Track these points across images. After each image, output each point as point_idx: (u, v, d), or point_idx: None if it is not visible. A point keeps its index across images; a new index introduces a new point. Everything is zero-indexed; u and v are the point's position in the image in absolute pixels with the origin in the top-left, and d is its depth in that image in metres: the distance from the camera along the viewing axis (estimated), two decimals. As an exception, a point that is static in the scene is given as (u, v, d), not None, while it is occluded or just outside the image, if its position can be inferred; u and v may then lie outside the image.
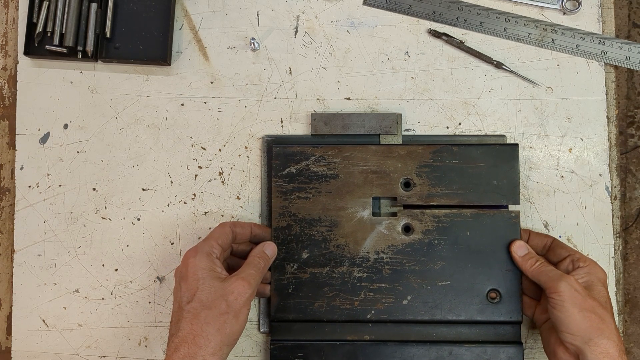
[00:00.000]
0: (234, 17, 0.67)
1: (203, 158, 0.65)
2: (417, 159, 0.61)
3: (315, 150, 0.62)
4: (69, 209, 0.65)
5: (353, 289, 0.60)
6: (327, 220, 0.61)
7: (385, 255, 0.60)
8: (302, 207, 0.61)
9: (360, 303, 0.60)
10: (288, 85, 0.66)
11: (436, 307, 0.59)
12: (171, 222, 0.65)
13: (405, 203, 0.61)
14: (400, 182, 0.61)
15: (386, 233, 0.60)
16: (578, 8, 0.66)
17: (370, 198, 0.61)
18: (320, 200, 0.61)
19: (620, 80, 0.65)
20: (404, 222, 0.60)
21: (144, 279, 0.65)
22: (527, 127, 0.65)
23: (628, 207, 1.22)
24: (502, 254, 0.59)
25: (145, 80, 0.66)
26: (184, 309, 0.53)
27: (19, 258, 0.65)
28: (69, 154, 0.66)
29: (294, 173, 0.61)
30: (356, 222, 0.61)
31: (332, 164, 0.61)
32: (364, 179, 0.61)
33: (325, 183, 0.61)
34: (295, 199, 0.61)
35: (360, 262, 0.60)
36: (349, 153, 0.61)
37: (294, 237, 0.61)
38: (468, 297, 0.59)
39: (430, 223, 0.60)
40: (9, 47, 0.68)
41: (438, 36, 0.66)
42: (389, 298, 0.60)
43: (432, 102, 0.65)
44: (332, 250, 0.60)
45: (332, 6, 0.67)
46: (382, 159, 0.61)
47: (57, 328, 0.64)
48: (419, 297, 0.59)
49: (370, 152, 0.61)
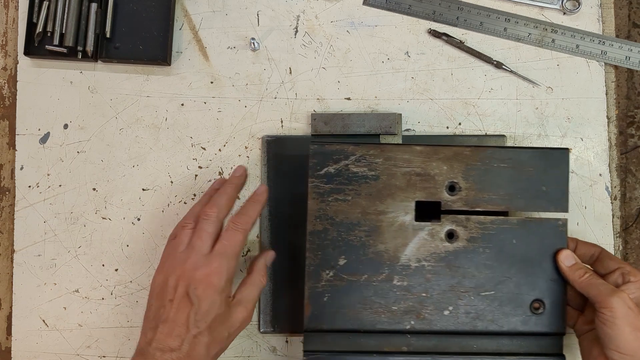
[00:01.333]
0: (234, 17, 0.67)
1: (203, 158, 0.65)
2: (464, 162, 0.57)
3: (356, 149, 0.58)
4: (69, 209, 0.65)
5: (392, 298, 0.57)
6: (366, 224, 0.57)
7: (427, 263, 0.57)
8: (340, 210, 0.57)
9: (400, 313, 0.56)
10: (288, 85, 0.66)
11: (478, 317, 0.56)
12: (171, 222, 0.65)
13: (450, 208, 0.57)
14: (445, 186, 0.57)
15: (429, 240, 0.57)
16: (578, 8, 0.66)
17: (413, 202, 0.57)
18: (360, 203, 0.57)
19: (620, 80, 0.65)
20: (447, 228, 0.57)
21: (144, 279, 0.65)
22: (527, 127, 0.65)
23: (628, 207, 1.22)
24: (547, 264, 0.56)
25: (145, 80, 0.66)
26: (190, 330, 0.51)
27: (19, 258, 0.65)
28: (69, 154, 0.66)
29: (332, 173, 0.58)
30: (397, 227, 0.57)
31: (373, 164, 0.57)
32: (406, 181, 0.57)
33: (366, 185, 0.57)
34: (332, 201, 0.57)
35: (400, 269, 0.57)
36: (392, 153, 0.58)
37: (331, 242, 0.57)
38: (511, 308, 0.56)
39: (475, 230, 0.57)
40: (9, 47, 0.68)
41: (438, 36, 0.66)
42: (430, 308, 0.57)
43: (432, 102, 0.65)
44: (371, 256, 0.57)
45: (332, 6, 0.67)
46: (427, 160, 0.57)
47: (57, 328, 0.64)
48: (461, 307, 0.57)
49: (415, 152, 0.58)
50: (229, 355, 0.63)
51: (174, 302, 0.52)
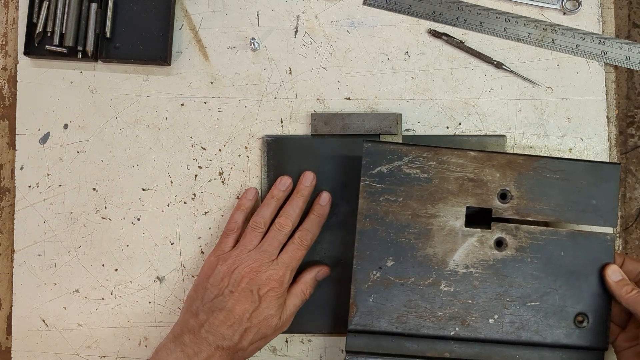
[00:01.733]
0: (234, 17, 0.67)
1: (203, 158, 0.65)
2: (517, 170, 0.57)
3: (410, 150, 0.58)
4: (69, 209, 0.65)
5: (438, 303, 0.56)
6: (416, 227, 0.57)
7: (475, 270, 0.57)
8: (391, 210, 0.57)
9: (445, 319, 0.56)
10: (288, 85, 0.66)
11: (523, 328, 0.56)
12: (171, 222, 0.65)
13: (501, 216, 0.57)
14: (497, 193, 0.57)
15: (478, 246, 0.57)
16: (578, 8, 0.66)
17: (464, 207, 0.57)
18: (411, 204, 0.57)
19: (620, 80, 0.65)
20: (497, 236, 0.57)
21: (144, 279, 0.65)
22: (527, 127, 0.65)
23: (628, 207, 1.22)
24: (593, 278, 0.56)
25: (145, 80, 0.66)
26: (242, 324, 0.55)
27: (19, 258, 0.65)
28: (69, 154, 0.66)
29: (385, 173, 0.57)
30: (447, 231, 0.57)
31: (426, 167, 0.57)
32: (459, 186, 0.57)
33: (418, 187, 0.57)
34: (383, 201, 0.57)
35: (448, 275, 0.57)
36: (446, 157, 0.57)
37: (379, 243, 0.57)
38: (556, 320, 0.56)
39: (524, 239, 0.57)
40: (9, 47, 0.68)
41: (438, 36, 0.66)
42: (475, 315, 0.56)
43: (432, 102, 0.65)
44: (419, 259, 0.57)
45: (332, 6, 0.67)
46: (481, 166, 0.57)
47: (57, 328, 0.64)
48: (506, 316, 0.56)
49: (469, 157, 0.57)
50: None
51: (235, 294, 0.56)
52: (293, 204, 0.61)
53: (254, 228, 0.60)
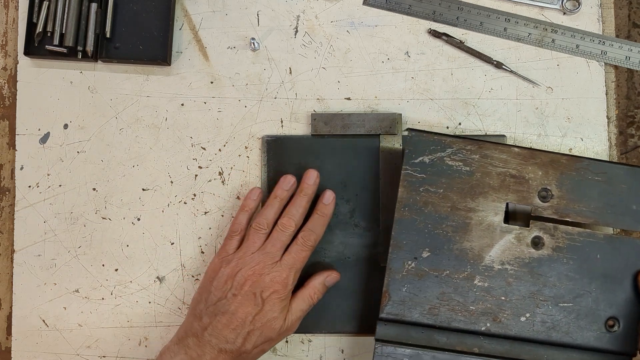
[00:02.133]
0: (234, 17, 0.67)
1: (203, 158, 0.65)
2: (560, 170, 0.57)
3: (454, 142, 0.57)
4: (69, 209, 0.65)
5: (471, 297, 0.56)
6: (454, 219, 0.57)
7: (511, 267, 0.56)
8: (430, 201, 0.57)
9: (477, 314, 0.56)
10: (288, 85, 0.66)
11: (554, 328, 0.56)
12: (171, 222, 0.65)
13: (540, 215, 0.57)
14: (538, 192, 0.57)
15: (515, 243, 0.56)
16: (578, 8, 0.66)
17: (504, 203, 0.57)
18: (450, 197, 0.57)
19: (620, 80, 0.65)
20: (535, 234, 0.57)
21: (144, 279, 0.65)
22: (527, 127, 0.65)
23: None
24: (627, 283, 0.56)
25: (145, 80, 0.66)
26: (245, 327, 0.55)
27: (19, 258, 0.65)
28: (69, 154, 0.66)
29: (427, 163, 0.57)
30: (485, 226, 0.57)
31: (469, 159, 0.57)
32: (500, 181, 0.57)
33: (459, 179, 0.57)
34: (423, 191, 0.57)
35: (483, 270, 0.56)
36: (489, 151, 0.57)
37: (416, 233, 0.57)
38: (587, 323, 0.56)
39: (562, 240, 0.57)
40: (9, 47, 0.68)
41: (438, 36, 0.66)
42: (507, 312, 0.56)
43: (432, 102, 0.65)
44: (455, 253, 0.56)
45: (332, 6, 0.67)
46: (524, 163, 0.57)
47: (57, 328, 0.64)
48: (537, 315, 0.56)
49: (512, 154, 0.57)
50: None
51: (238, 297, 0.56)
52: (296, 203, 0.60)
53: (257, 229, 0.59)
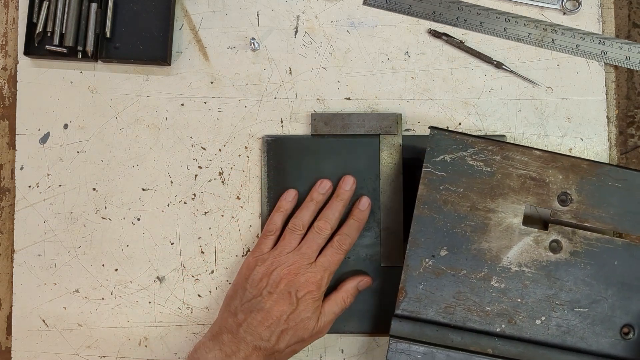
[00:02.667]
0: (234, 17, 0.67)
1: (203, 158, 0.65)
2: (580, 174, 0.57)
3: (475, 142, 0.57)
4: (69, 209, 0.65)
5: (487, 298, 0.56)
6: (473, 219, 0.57)
7: (528, 269, 0.56)
8: (450, 199, 0.57)
9: (493, 315, 0.56)
10: (288, 85, 0.66)
11: (568, 333, 0.56)
12: (171, 222, 0.65)
13: (559, 219, 0.57)
14: (557, 195, 0.57)
15: (533, 246, 0.57)
16: (578, 8, 0.66)
17: (524, 205, 0.57)
18: (471, 197, 0.57)
19: (620, 80, 0.65)
20: (553, 238, 0.57)
21: (144, 279, 0.65)
22: (527, 127, 0.65)
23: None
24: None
25: (145, 80, 0.66)
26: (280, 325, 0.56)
27: (19, 258, 0.65)
28: (69, 154, 0.66)
29: (448, 162, 0.57)
30: (504, 228, 0.57)
31: (490, 160, 0.57)
32: (521, 183, 0.57)
33: (479, 179, 0.57)
34: (444, 190, 0.57)
35: (500, 271, 0.56)
36: (511, 153, 0.57)
37: (435, 231, 0.57)
38: (602, 329, 0.56)
39: (580, 245, 0.56)
40: (9, 47, 0.68)
41: (438, 36, 0.66)
42: (523, 315, 0.56)
43: (432, 102, 0.65)
44: (473, 253, 0.56)
45: (332, 6, 0.67)
46: (545, 166, 0.57)
47: (57, 328, 0.64)
48: (553, 319, 0.56)
49: (534, 156, 0.57)
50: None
51: (273, 295, 0.57)
52: (332, 207, 0.61)
53: (293, 230, 0.60)
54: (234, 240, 0.65)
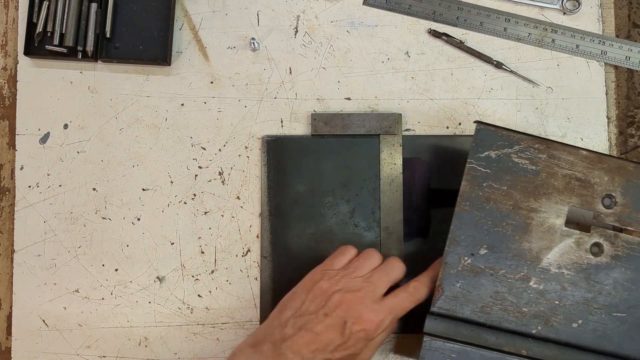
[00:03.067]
0: (234, 17, 0.67)
1: (203, 158, 0.65)
2: (626, 177, 0.56)
3: (522, 139, 0.56)
4: (69, 209, 0.65)
5: (525, 299, 0.55)
6: (515, 218, 0.56)
7: (568, 271, 0.55)
8: (493, 197, 0.56)
9: (529, 316, 0.55)
10: (288, 85, 0.66)
11: (605, 337, 0.55)
12: (171, 222, 0.65)
13: (603, 221, 0.56)
14: (602, 197, 0.56)
15: (574, 248, 0.55)
16: (578, 8, 0.66)
17: (567, 206, 0.56)
18: (514, 195, 0.56)
19: (620, 80, 0.65)
20: (595, 240, 0.56)
21: (144, 279, 0.65)
22: (527, 127, 0.65)
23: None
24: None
25: (145, 80, 0.66)
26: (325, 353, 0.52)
27: (19, 258, 0.65)
28: (69, 154, 0.66)
29: (493, 159, 0.56)
30: (546, 228, 0.56)
31: (536, 158, 0.56)
32: (565, 184, 0.56)
33: (524, 178, 0.56)
34: (487, 187, 0.56)
35: (539, 272, 0.55)
36: (557, 152, 0.56)
37: (476, 229, 0.55)
38: (639, 334, 0.55)
39: (622, 248, 0.55)
40: (9, 47, 0.68)
41: (438, 36, 0.66)
42: (560, 317, 0.55)
43: (432, 102, 0.65)
44: (513, 252, 0.55)
45: (332, 6, 0.67)
46: (590, 167, 0.56)
47: (57, 328, 0.64)
48: (590, 323, 0.55)
49: (580, 156, 0.56)
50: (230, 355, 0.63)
51: (328, 319, 0.53)
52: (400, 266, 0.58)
53: (370, 255, 0.57)
54: (234, 240, 0.65)
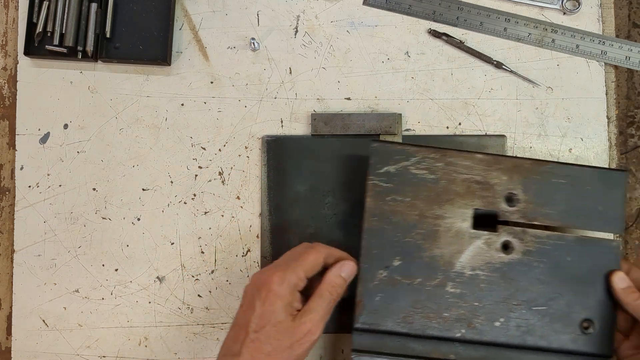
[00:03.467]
0: (234, 17, 0.67)
1: (203, 158, 0.65)
2: (524, 174, 0.57)
3: (417, 151, 0.58)
4: (69, 209, 0.65)
5: (445, 304, 0.56)
6: (423, 227, 0.57)
7: (482, 272, 0.56)
8: (398, 210, 0.57)
9: (451, 320, 0.56)
10: (288, 85, 0.66)
11: (528, 332, 0.56)
12: (171, 222, 0.65)
13: (507, 219, 0.57)
14: (504, 196, 0.57)
15: (484, 249, 0.57)
16: (578, 8, 0.66)
17: (471, 209, 0.57)
18: (418, 205, 0.57)
19: (620, 80, 0.65)
20: (504, 239, 0.57)
21: (144, 279, 0.65)
22: (527, 127, 0.65)
23: (628, 207, 1.22)
24: (599, 284, 0.56)
25: (145, 80, 0.66)
26: (249, 334, 0.51)
27: (19, 258, 0.65)
28: (69, 154, 0.66)
29: (392, 173, 0.57)
30: (454, 233, 0.57)
31: (433, 167, 0.57)
32: (466, 188, 0.57)
33: (425, 187, 0.57)
34: (391, 200, 0.57)
35: (454, 276, 0.56)
36: (453, 159, 0.58)
37: (387, 242, 0.57)
38: (562, 326, 0.56)
39: (531, 243, 0.57)
40: (9, 47, 0.68)
41: (438, 36, 0.66)
42: (481, 318, 0.56)
43: (432, 102, 0.65)
44: (426, 260, 0.56)
45: (332, 6, 0.67)
46: (488, 169, 0.57)
47: (57, 328, 0.64)
48: (512, 320, 0.56)
49: (476, 160, 0.57)
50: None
51: (243, 307, 0.53)
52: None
53: None
54: (234, 240, 0.65)
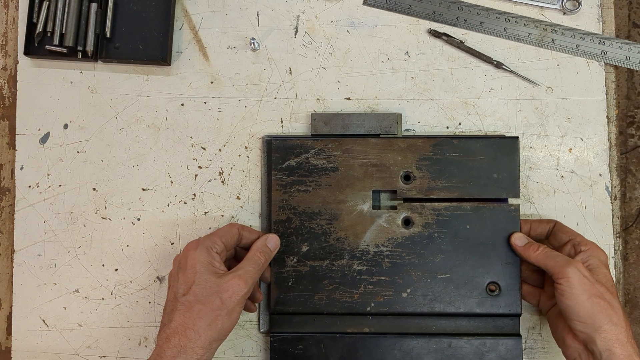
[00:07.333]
0: (234, 17, 0.67)
1: (203, 158, 0.65)
2: (417, 152, 0.61)
3: (315, 143, 0.62)
4: (69, 209, 0.65)
5: (353, 282, 0.60)
6: (327, 213, 0.61)
7: (385, 248, 0.60)
8: (302, 200, 0.61)
9: (360, 296, 0.60)
10: (288, 85, 0.66)
11: (436, 299, 0.60)
12: (171, 222, 0.65)
13: (405, 196, 0.61)
14: (400, 175, 0.61)
15: (386, 226, 0.61)
16: (578, 8, 0.66)
17: (371, 191, 0.61)
18: (320, 193, 0.61)
19: (620, 80, 0.65)
20: (403, 215, 0.61)
21: (144, 279, 0.65)
22: (527, 127, 0.65)
23: (628, 207, 1.22)
24: (502, 247, 0.60)
25: (145, 80, 0.66)
26: (178, 300, 0.54)
27: (19, 258, 0.65)
28: (69, 154, 0.66)
29: (294, 166, 0.62)
30: (356, 215, 0.61)
31: (332, 157, 0.62)
32: (364, 172, 0.61)
33: (325, 176, 0.61)
34: (295, 192, 0.61)
35: (360, 255, 0.60)
36: (349, 146, 0.61)
37: (294, 230, 0.61)
38: (468, 290, 0.60)
39: (430, 216, 0.60)
40: (9, 47, 0.68)
41: (438, 36, 0.66)
42: (389, 291, 0.60)
43: (432, 102, 0.65)
44: (332, 243, 0.61)
45: (332, 6, 0.67)
46: (382, 152, 0.61)
47: (57, 328, 0.64)
48: (418, 290, 0.60)
49: (370, 145, 0.61)
50: (229, 355, 0.63)
51: (169, 284, 0.57)
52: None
53: None
54: (234, 240, 0.65)
